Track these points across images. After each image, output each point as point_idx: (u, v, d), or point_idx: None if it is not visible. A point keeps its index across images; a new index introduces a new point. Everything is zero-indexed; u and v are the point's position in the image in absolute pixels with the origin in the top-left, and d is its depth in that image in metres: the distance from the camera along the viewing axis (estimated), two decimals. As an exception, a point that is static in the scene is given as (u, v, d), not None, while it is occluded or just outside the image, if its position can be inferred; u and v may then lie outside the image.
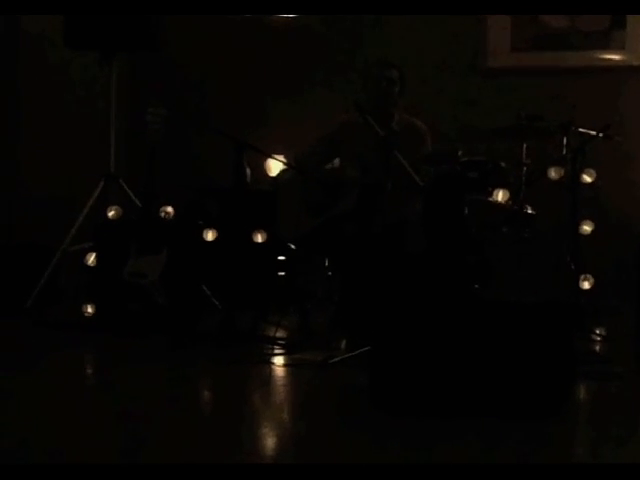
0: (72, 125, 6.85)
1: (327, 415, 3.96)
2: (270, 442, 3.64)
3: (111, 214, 6.08)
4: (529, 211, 5.59)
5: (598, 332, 5.48)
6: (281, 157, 5.91)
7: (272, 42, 7.02)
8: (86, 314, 5.79)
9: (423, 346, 3.87)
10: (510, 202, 5.50)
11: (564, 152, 5.71)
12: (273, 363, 4.83)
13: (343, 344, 5.07)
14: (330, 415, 3.97)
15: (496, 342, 3.85)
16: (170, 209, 6.05)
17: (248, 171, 6.08)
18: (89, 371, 4.96)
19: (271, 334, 5.32)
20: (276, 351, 5.05)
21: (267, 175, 6.44)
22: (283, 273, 6.15)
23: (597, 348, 5.27)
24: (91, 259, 6.02)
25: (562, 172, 5.68)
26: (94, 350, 5.24)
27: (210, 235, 6.06)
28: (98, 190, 6.19)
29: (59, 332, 5.51)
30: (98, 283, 5.94)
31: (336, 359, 4.65)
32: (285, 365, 4.81)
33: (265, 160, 6.36)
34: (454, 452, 3.44)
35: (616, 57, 6.69)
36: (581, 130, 5.67)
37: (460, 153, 5.16)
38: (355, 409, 3.99)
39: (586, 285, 5.78)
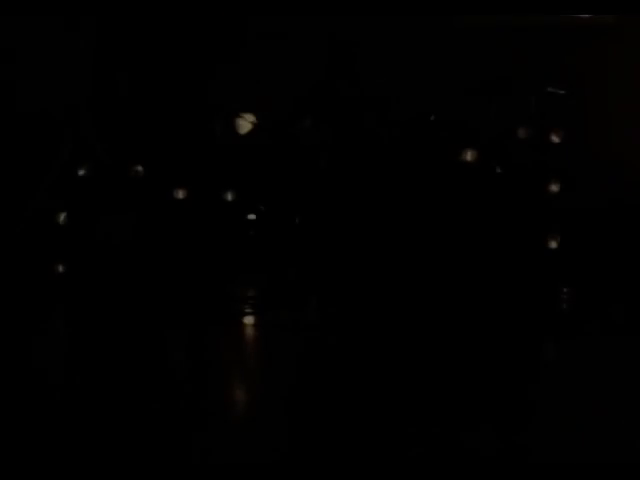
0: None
1: (293, 377, 3.98)
2: (241, 404, 3.66)
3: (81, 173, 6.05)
4: (498, 171, 5.60)
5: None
6: (250, 116, 5.88)
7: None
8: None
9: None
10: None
11: (532, 112, 5.73)
12: (244, 323, 4.85)
13: (314, 303, 5.09)
14: (297, 377, 3.99)
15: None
16: (140, 168, 6.01)
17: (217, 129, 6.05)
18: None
19: (242, 294, 5.33)
20: (247, 310, 5.08)
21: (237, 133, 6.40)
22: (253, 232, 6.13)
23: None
24: (61, 218, 5.97)
25: (530, 132, 5.69)
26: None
27: (180, 194, 6.02)
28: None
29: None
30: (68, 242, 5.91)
31: (307, 319, 4.68)
32: (255, 325, 4.82)
33: (234, 118, 6.31)
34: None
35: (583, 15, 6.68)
36: (550, 89, 5.69)
37: (433, 118, 5.18)
38: (326, 370, 4.02)
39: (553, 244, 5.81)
